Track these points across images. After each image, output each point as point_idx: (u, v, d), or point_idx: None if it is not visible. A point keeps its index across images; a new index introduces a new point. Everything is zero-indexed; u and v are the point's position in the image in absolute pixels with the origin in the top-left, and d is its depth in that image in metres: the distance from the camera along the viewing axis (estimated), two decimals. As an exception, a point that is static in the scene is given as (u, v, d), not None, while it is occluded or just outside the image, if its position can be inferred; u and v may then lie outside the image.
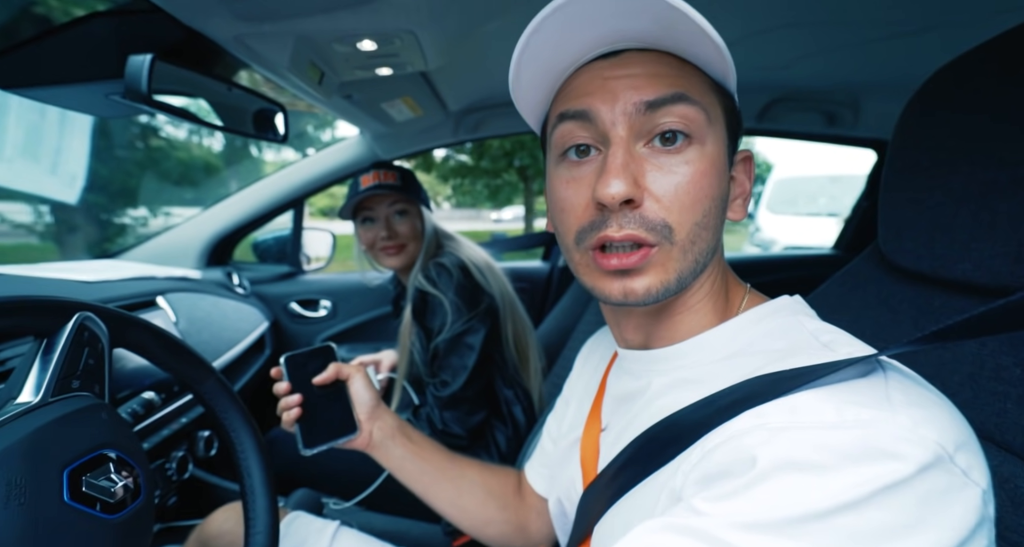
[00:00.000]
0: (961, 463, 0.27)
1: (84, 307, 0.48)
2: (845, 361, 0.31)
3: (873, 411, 0.28)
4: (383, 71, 0.83)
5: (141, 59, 0.59)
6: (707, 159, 0.37)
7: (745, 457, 0.29)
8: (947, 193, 0.46)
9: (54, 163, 1.25)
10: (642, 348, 0.46)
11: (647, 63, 0.37)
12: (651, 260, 0.37)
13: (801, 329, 0.38)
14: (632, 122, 0.36)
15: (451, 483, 0.62)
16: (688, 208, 0.36)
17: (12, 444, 0.37)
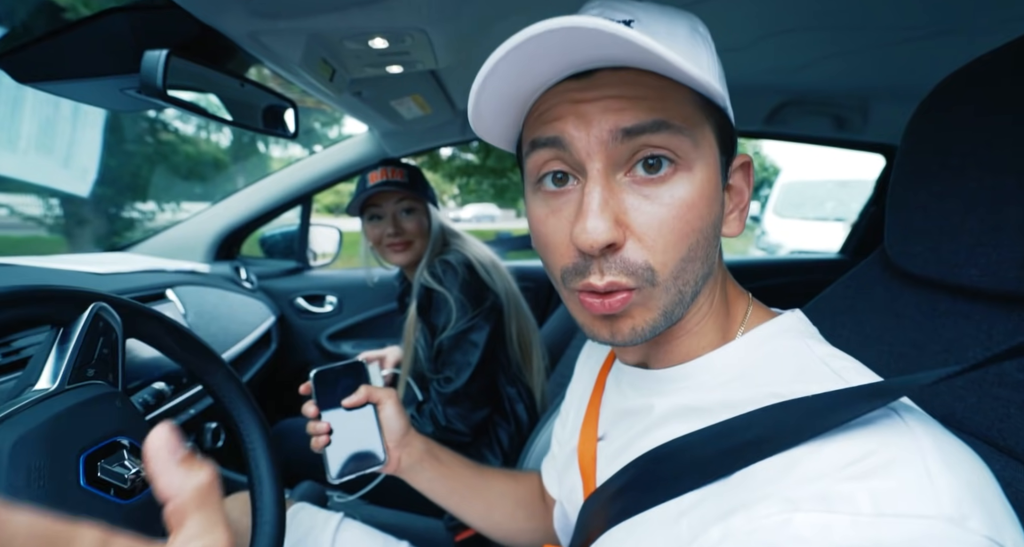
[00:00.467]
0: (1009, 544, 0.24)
1: (99, 297, 0.49)
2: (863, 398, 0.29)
3: (916, 500, 0.25)
4: (393, 69, 0.84)
5: (157, 54, 0.59)
6: (695, 188, 0.34)
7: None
8: (955, 198, 0.46)
9: (67, 156, 1.26)
10: (642, 365, 0.45)
11: (622, 84, 0.32)
12: (632, 303, 0.35)
13: (810, 354, 0.36)
14: (609, 152, 0.33)
15: (481, 498, 0.62)
16: (672, 246, 0.34)
17: (32, 429, 0.38)
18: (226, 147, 9.15)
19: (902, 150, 0.54)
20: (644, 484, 0.37)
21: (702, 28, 0.38)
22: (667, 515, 0.34)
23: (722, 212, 0.38)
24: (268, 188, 1.45)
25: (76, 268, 0.96)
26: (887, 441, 0.27)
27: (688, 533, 0.32)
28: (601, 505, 0.41)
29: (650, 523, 0.36)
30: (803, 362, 0.36)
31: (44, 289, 0.44)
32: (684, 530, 0.32)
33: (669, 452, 0.36)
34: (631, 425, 0.43)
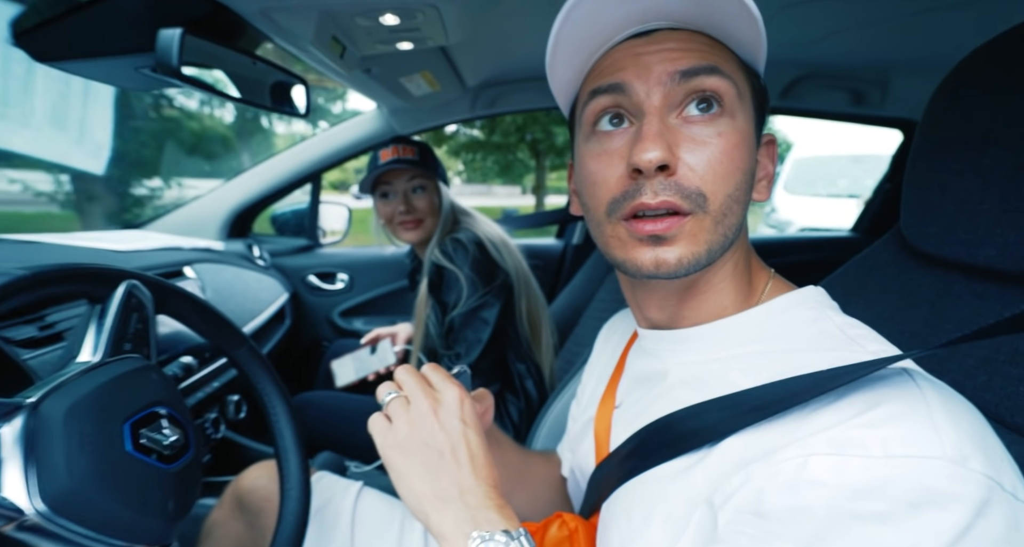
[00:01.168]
0: (1008, 486, 0.27)
1: (131, 275, 0.51)
2: (869, 364, 0.31)
3: (920, 445, 0.27)
4: (404, 45, 0.83)
5: (171, 33, 0.59)
6: (738, 132, 0.37)
7: (798, 504, 0.28)
8: (975, 177, 0.46)
9: (80, 133, 1.27)
10: (663, 328, 0.46)
11: (679, 40, 0.37)
12: (683, 228, 0.37)
13: (827, 322, 0.38)
14: (667, 91, 0.36)
15: (528, 486, 0.62)
16: (721, 178, 0.36)
17: (81, 398, 0.40)
18: (230, 123, 9.08)
19: (922, 126, 0.53)
20: (655, 445, 0.39)
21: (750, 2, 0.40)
22: (679, 467, 0.37)
23: (754, 170, 0.40)
24: (278, 166, 1.45)
25: (97, 245, 0.98)
26: (897, 396, 0.30)
27: (704, 482, 0.34)
28: (612, 468, 0.43)
29: (662, 475, 0.38)
30: (821, 329, 0.38)
31: (82, 267, 0.45)
32: (699, 480, 0.34)
33: (680, 417, 0.38)
34: (646, 391, 0.45)
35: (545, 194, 11.23)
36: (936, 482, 0.26)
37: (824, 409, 0.31)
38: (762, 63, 0.40)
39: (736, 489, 0.31)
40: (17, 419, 0.37)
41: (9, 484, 0.35)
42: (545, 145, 9.18)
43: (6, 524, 0.34)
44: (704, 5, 0.34)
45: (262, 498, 0.72)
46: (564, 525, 0.48)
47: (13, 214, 5.41)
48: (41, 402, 0.39)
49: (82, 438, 0.39)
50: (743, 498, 0.31)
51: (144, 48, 0.61)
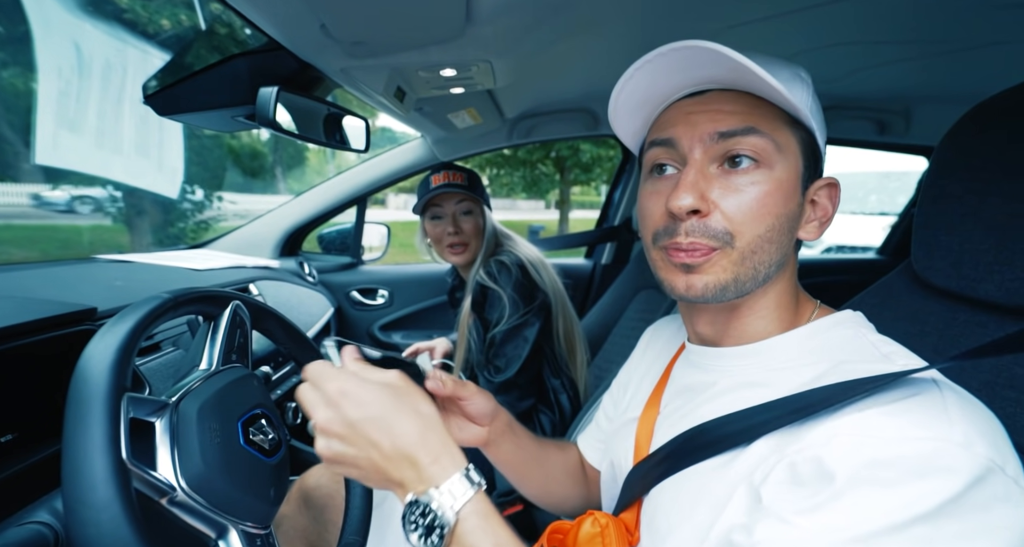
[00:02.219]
0: (1011, 472, 0.31)
1: (237, 297, 0.60)
2: (898, 373, 0.36)
3: (933, 430, 0.32)
4: (456, 90, 0.93)
5: (269, 91, 0.70)
6: (773, 181, 0.42)
7: (824, 471, 0.33)
8: (977, 221, 0.52)
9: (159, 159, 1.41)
10: (712, 344, 0.50)
11: (725, 101, 0.43)
12: (711, 260, 0.43)
13: (863, 340, 0.43)
14: (707, 147, 0.43)
15: (542, 470, 0.67)
16: (750, 221, 0.42)
17: (207, 399, 0.49)
18: (265, 140, 9.51)
19: (931, 172, 0.59)
20: (695, 447, 0.44)
21: (803, 73, 0.46)
22: (717, 463, 0.41)
23: (800, 213, 0.45)
24: (329, 191, 1.58)
25: (178, 264, 1.10)
26: (918, 394, 0.35)
27: (743, 466, 0.39)
28: (650, 468, 0.48)
29: (704, 469, 0.42)
30: (858, 345, 0.42)
31: (206, 291, 0.55)
32: (739, 466, 0.39)
33: (722, 422, 0.43)
34: (690, 399, 0.49)
35: (569, 209, 11.31)
36: (939, 458, 0.30)
37: (852, 402, 0.36)
38: (809, 118, 0.43)
39: (772, 467, 0.37)
40: (165, 415, 0.46)
41: (163, 466, 0.44)
42: (572, 161, 9.29)
43: (161, 497, 0.43)
44: (738, 75, 0.40)
45: (326, 495, 0.80)
46: (596, 522, 0.52)
47: (69, 227, 5.83)
48: (180, 401, 0.48)
49: (211, 432, 0.48)
50: (779, 472, 0.36)
51: (245, 102, 0.73)
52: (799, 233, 0.46)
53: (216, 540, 0.46)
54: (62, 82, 1.97)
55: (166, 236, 5.87)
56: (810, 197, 0.46)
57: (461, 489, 0.38)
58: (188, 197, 5.77)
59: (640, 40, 0.92)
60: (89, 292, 0.81)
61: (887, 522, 0.30)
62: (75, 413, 0.38)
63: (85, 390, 0.39)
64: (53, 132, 1.78)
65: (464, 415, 0.59)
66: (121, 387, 0.41)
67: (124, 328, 0.44)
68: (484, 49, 0.74)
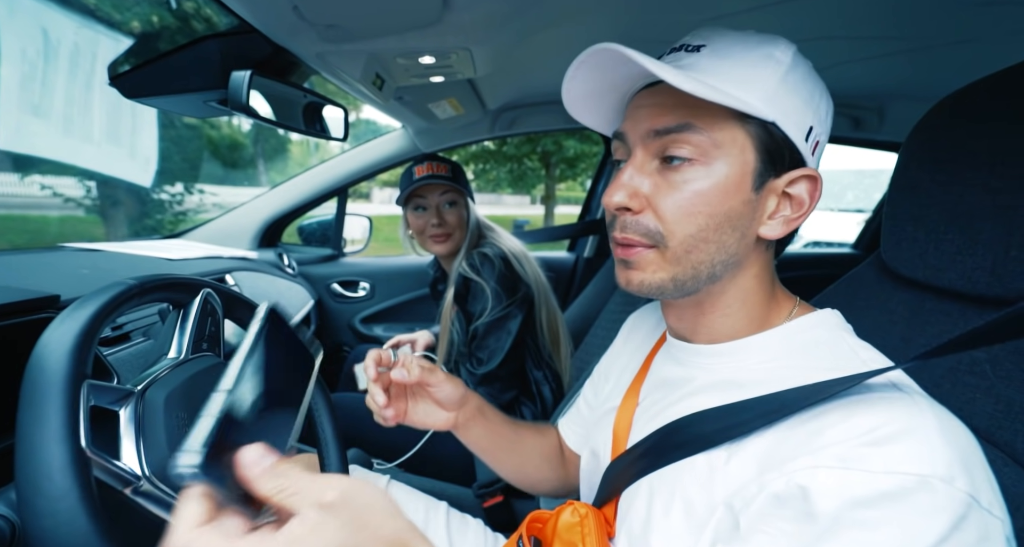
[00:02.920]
0: (985, 503, 0.31)
1: (207, 285, 0.59)
2: (861, 375, 0.36)
3: (917, 463, 0.31)
4: (436, 79, 0.91)
5: (242, 75, 0.68)
6: (710, 179, 0.41)
7: (806, 506, 0.32)
8: (942, 212, 0.53)
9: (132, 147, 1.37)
10: (685, 339, 0.50)
11: (669, 94, 0.41)
12: (643, 257, 0.44)
13: (842, 344, 0.42)
14: (646, 144, 0.43)
15: (516, 452, 0.68)
16: (680, 220, 0.42)
17: (175, 387, 0.48)
18: (246, 131, 9.32)
19: (899, 164, 0.60)
20: (670, 445, 0.44)
21: (779, 52, 0.43)
22: (698, 465, 0.41)
23: (752, 211, 0.43)
24: (309, 181, 1.55)
25: (150, 254, 1.07)
26: (899, 416, 0.34)
27: (723, 488, 0.38)
28: (627, 465, 0.48)
29: (676, 476, 0.42)
30: (838, 352, 0.42)
31: (174, 278, 0.54)
32: (718, 486, 0.39)
33: (693, 420, 0.43)
34: (668, 393, 0.49)
35: (554, 204, 11.33)
36: (923, 497, 0.30)
37: (834, 426, 0.35)
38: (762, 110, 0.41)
39: (754, 496, 0.36)
40: (129, 403, 0.45)
41: (127, 455, 0.43)
42: (556, 157, 9.30)
43: (125, 487, 0.42)
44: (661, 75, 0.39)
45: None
46: (576, 511, 0.53)
47: (39, 218, 5.62)
48: (146, 390, 0.47)
49: (178, 420, 0.47)
50: (761, 503, 0.35)
51: (217, 86, 0.71)
52: (759, 230, 0.44)
53: (184, 531, 0.45)
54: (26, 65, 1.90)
55: (143, 228, 5.71)
56: (779, 190, 0.44)
57: None
58: (166, 189, 5.62)
59: (621, 31, 0.92)
60: (53, 280, 0.78)
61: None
62: (30, 400, 0.37)
63: (41, 377, 0.38)
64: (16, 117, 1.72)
65: (433, 401, 0.60)
66: (80, 374, 0.40)
67: (85, 314, 0.43)
68: (463, 36, 0.73)
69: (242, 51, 0.71)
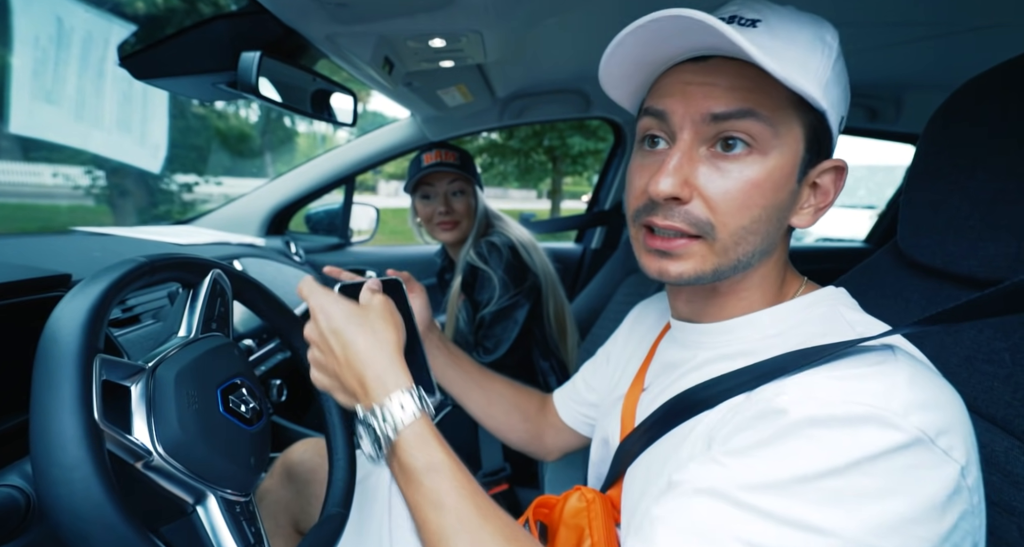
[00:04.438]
0: (942, 444, 0.31)
1: (217, 265, 0.59)
2: (854, 341, 0.36)
3: (874, 398, 0.32)
4: (446, 63, 0.91)
5: (252, 56, 0.68)
6: (765, 170, 0.39)
7: (761, 423, 0.35)
8: (962, 197, 0.52)
9: (142, 134, 1.38)
10: (691, 321, 0.50)
11: (726, 73, 0.39)
12: (690, 250, 0.41)
13: (839, 318, 0.42)
14: (698, 128, 0.40)
15: (483, 392, 0.73)
16: (734, 212, 0.40)
17: (185, 365, 0.48)
18: (254, 122, 9.35)
19: (919, 150, 0.59)
20: (673, 414, 0.45)
21: (830, 37, 0.41)
22: (684, 430, 0.43)
23: (793, 202, 0.43)
24: (316, 168, 1.55)
25: (160, 239, 1.08)
26: (872, 365, 0.35)
27: (705, 427, 0.40)
28: (634, 442, 0.49)
29: (670, 441, 0.44)
30: (832, 322, 0.42)
31: (185, 257, 0.54)
32: (701, 428, 0.41)
33: (696, 389, 0.44)
34: (672, 373, 0.50)
35: (561, 199, 11.29)
36: (868, 422, 0.31)
37: (807, 370, 0.36)
38: (820, 100, 0.39)
39: (726, 422, 0.38)
40: (140, 379, 0.45)
41: (138, 430, 0.43)
42: (561, 151, 9.26)
43: (136, 461, 0.43)
44: (739, 49, 0.35)
45: (308, 470, 0.80)
46: (582, 497, 0.54)
47: (49, 207, 5.67)
48: (157, 367, 0.47)
49: (188, 399, 0.47)
50: (730, 427, 0.37)
51: (226, 67, 0.70)
52: (791, 220, 0.44)
53: (194, 505, 0.46)
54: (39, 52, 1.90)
55: (151, 217, 5.75)
56: (811, 180, 0.43)
57: (400, 411, 0.42)
58: (174, 178, 5.66)
59: (632, 18, 0.91)
60: (65, 261, 0.79)
61: (802, 472, 0.32)
62: (44, 373, 0.37)
63: (54, 349, 0.38)
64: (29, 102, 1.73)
65: None
66: (93, 347, 0.40)
67: (97, 289, 0.43)
68: (474, 19, 0.72)
69: (252, 32, 0.70)
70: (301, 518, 0.79)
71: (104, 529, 0.34)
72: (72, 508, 0.34)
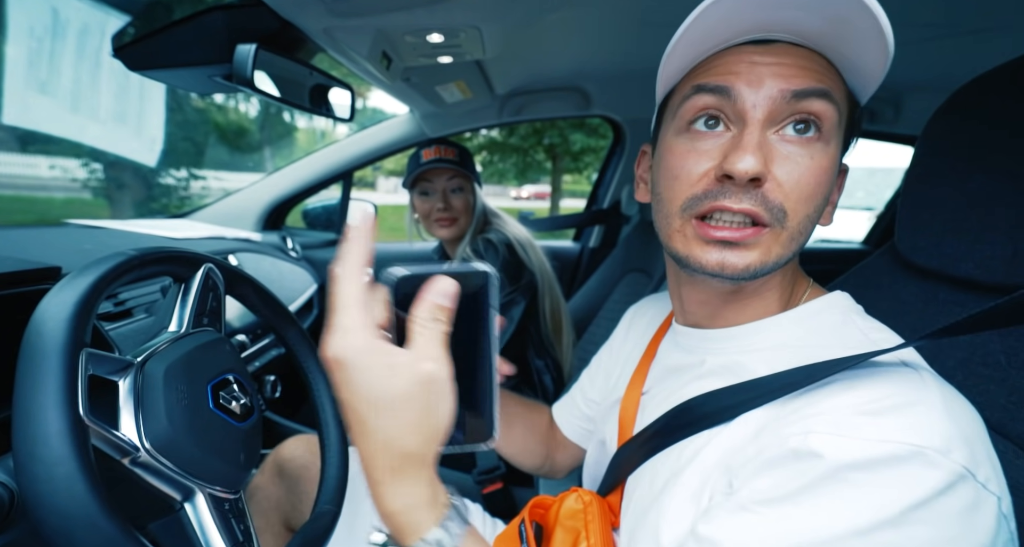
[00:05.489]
0: (981, 478, 0.30)
1: (209, 260, 0.58)
2: (870, 354, 0.35)
3: (914, 434, 0.30)
4: (444, 59, 0.90)
5: (247, 48, 0.67)
6: (828, 158, 0.38)
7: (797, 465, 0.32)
8: (960, 199, 0.52)
9: (138, 126, 1.36)
10: (699, 325, 0.49)
11: (797, 56, 0.37)
12: (760, 239, 0.38)
13: (852, 327, 0.41)
14: (774, 107, 0.37)
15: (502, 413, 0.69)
16: (805, 199, 0.38)
17: (174, 361, 0.48)
18: (254, 117, 9.31)
19: (917, 152, 0.58)
20: (677, 425, 0.44)
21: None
22: (697, 443, 0.41)
23: (830, 195, 0.41)
24: (314, 164, 1.54)
25: (154, 232, 1.07)
26: (902, 389, 0.33)
27: (719, 452, 0.38)
28: (634, 450, 0.48)
29: (683, 451, 0.42)
30: (846, 334, 0.40)
31: (176, 250, 0.53)
32: (714, 452, 0.38)
33: (701, 400, 0.42)
34: (678, 379, 0.48)
35: (560, 197, 11.28)
36: (915, 464, 0.29)
37: (834, 395, 0.34)
38: (869, 94, 0.40)
39: (749, 459, 0.35)
40: (129, 375, 0.45)
41: (126, 426, 0.43)
42: (561, 149, 9.24)
43: (123, 457, 0.42)
44: (839, 26, 0.34)
45: (300, 467, 0.80)
46: (579, 498, 0.52)
47: (45, 199, 5.64)
48: (146, 362, 0.47)
49: (178, 394, 0.47)
50: (754, 466, 0.35)
51: (222, 59, 0.69)
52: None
53: (182, 502, 0.45)
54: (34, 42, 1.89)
55: (148, 211, 5.72)
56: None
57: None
58: (172, 173, 5.63)
59: (634, 15, 0.90)
60: (56, 254, 0.78)
61: (852, 525, 0.30)
62: (28, 367, 0.37)
63: (39, 342, 0.37)
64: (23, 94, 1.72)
65: None
66: (79, 341, 0.39)
67: (85, 282, 0.42)
68: (472, 13, 0.71)
69: (248, 24, 0.69)
70: (292, 515, 0.78)
71: (88, 527, 0.34)
72: (55, 505, 0.33)
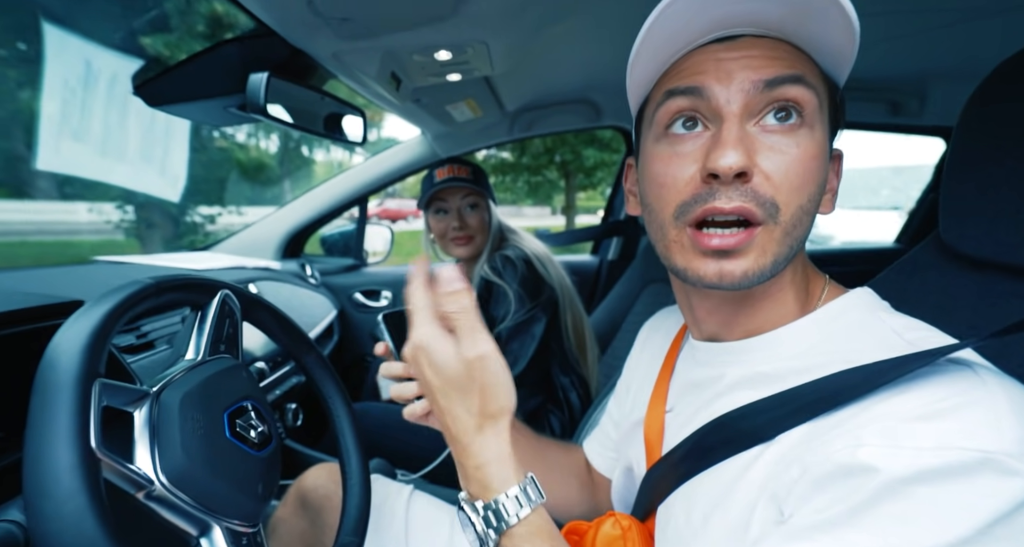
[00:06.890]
0: None
1: (226, 286, 0.58)
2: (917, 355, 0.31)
3: (980, 439, 0.27)
4: (453, 77, 0.91)
5: (259, 77, 0.68)
6: (815, 144, 0.37)
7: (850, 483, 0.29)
8: (1010, 181, 0.48)
9: (163, 164, 1.42)
10: (714, 337, 0.46)
11: (764, 47, 0.36)
12: (753, 241, 0.36)
13: (882, 326, 0.38)
14: (748, 99, 0.36)
15: (540, 465, 0.63)
16: (796, 189, 0.36)
17: (190, 389, 0.47)
18: (273, 153, 9.68)
19: (956, 136, 0.55)
20: (710, 445, 0.40)
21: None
22: (736, 466, 0.37)
23: (825, 183, 0.40)
24: (329, 191, 1.57)
25: (176, 265, 1.09)
26: (959, 390, 0.30)
27: (762, 478, 0.35)
28: (665, 472, 0.44)
29: (720, 475, 0.38)
30: (879, 336, 0.37)
31: (191, 277, 0.53)
32: (757, 477, 0.35)
33: (734, 417, 0.39)
34: (701, 394, 0.45)
35: (575, 214, 11.29)
36: (987, 474, 0.26)
37: (881, 402, 0.31)
38: (845, 75, 0.39)
39: (795, 481, 0.32)
40: (144, 405, 0.44)
41: (141, 459, 0.41)
42: (574, 166, 9.31)
43: (138, 491, 0.41)
44: (801, 11, 0.34)
45: (323, 497, 0.77)
46: (617, 523, 0.49)
47: (81, 242, 5.92)
48: (161, 392, 0.46)
49: (194, 423, 0.45)
50: (802, 488, 0.32)
51: (236, 90, 0.71)
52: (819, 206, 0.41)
53: (198, 538, 0.43)
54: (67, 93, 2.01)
55: (176, 248, 5.94)
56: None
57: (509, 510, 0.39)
58: (198, 210, 5.85)
59: (639, 23, 0.89)
60: (82, 288, 0.79)
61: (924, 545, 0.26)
62: (39, 399, 0.36)
63: (51, 374, 0.37)
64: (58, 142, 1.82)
65: None
66: (92, 372, 0.38)
67: (99, 312, 0.42)
68: (479, 29, 0.72)
69: (260, 54, 0.71)
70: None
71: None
72: (63, 544, 0.32)
